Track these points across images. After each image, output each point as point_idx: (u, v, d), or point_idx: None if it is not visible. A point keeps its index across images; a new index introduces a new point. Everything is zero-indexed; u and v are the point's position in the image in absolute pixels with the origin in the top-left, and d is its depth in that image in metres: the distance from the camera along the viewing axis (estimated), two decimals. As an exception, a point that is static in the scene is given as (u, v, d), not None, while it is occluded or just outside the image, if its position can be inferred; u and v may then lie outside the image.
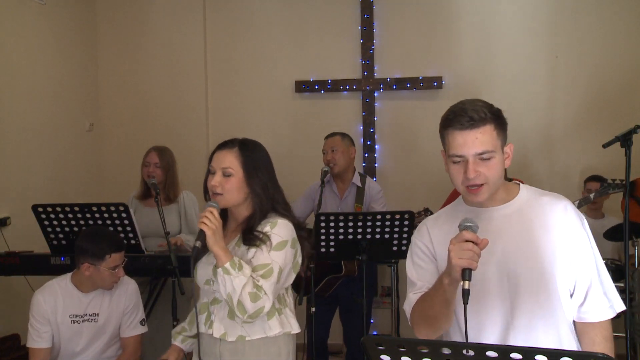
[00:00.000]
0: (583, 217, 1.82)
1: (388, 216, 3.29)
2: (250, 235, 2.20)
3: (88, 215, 3.35)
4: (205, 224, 2.11)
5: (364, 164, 5.22)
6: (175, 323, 3.27)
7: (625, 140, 3.16)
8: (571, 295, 1.77)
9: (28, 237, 3.84)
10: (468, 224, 1.63)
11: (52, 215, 3.36)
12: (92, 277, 2.85)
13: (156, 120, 5.37)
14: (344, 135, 4.01)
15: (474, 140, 1.70)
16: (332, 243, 3.33)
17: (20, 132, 4.44)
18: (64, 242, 3.43)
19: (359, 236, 3.31)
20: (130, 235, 3.40)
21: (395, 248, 3.37)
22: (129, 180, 4.59)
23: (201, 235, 2.11)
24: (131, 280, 3.04)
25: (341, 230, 3.29)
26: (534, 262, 1.74)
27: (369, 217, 3.28)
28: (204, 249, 2.18)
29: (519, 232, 1.77)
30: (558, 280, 1.74)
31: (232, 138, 2.31)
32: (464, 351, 1.19)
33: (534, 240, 1.76)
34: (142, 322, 3.04)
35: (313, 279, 3.45)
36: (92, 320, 2.91)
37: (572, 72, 4.93)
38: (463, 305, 1.57)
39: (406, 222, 3.30)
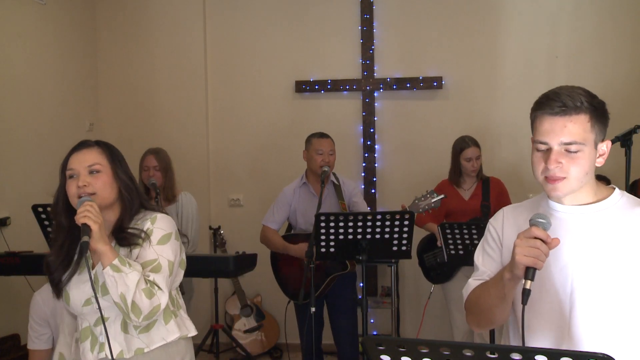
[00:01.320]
0: None
1: (388, 216, 3.28)
2: (125, 234, 2.02)
3: (88, 215, 3.34)
4: (90, 217, 1.88)
5: (364, 164, 5.22)
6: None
7: (625, 140, 3.17)
8: None
9: (28, 237, 3.84)
10: (539, 220, 1.51)
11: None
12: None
13: (156, 121, 5.37)
14: (330, 137, 4.00)
15: (562, 128, 1.57)
16: (332, 243, 3.32)
17: (20, 132, 4.43)
18: (64, 242, 3.42)
19: (359, 236, 3.30)
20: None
21: (395, 248, 3.36)
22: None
23: (86, 229, 1.87)
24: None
25: (341, 231, 3.29)
26: (600, 275, 1.56)
27: (369, 217, 3.28)
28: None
29: (594, 240, 1.58)
30: (633, 302, 1.54)
31: (83, 140, 2.13)
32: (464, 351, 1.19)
33: (610, 252, 1.56)
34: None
35: (314, 279, 3.45)
36: (92, 320, 2.90)
37: (572, 72, 4.92)
38: (521, 305, 1.47)
39: (406, 222, 3.30)
